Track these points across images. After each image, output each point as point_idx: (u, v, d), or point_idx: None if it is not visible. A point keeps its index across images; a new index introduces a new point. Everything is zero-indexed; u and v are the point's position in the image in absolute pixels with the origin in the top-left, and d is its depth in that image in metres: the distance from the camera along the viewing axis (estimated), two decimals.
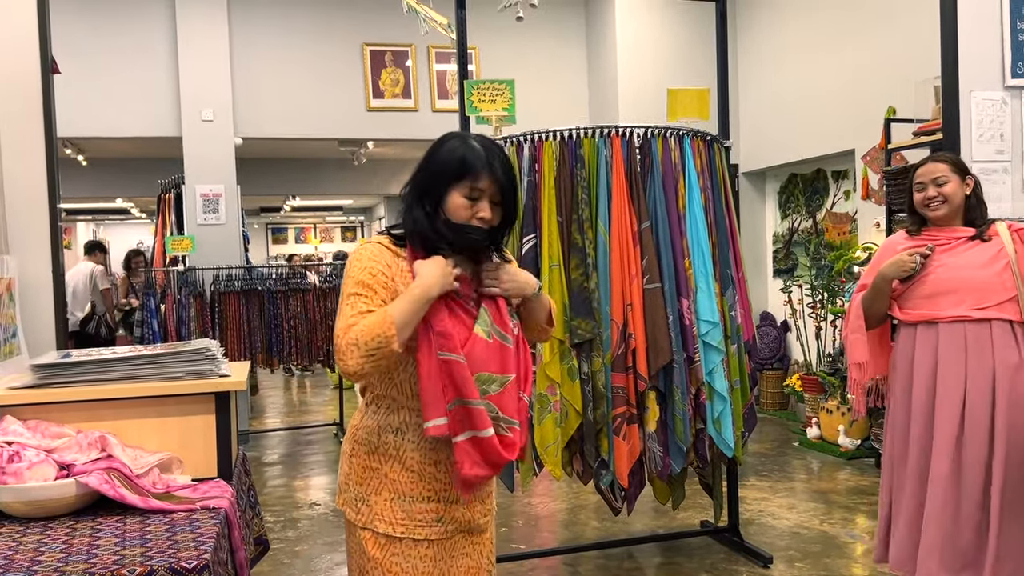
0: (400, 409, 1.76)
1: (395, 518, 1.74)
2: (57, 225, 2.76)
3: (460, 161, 1.70)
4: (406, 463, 1.75)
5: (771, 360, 7.30)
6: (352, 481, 1.79)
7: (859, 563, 3.79)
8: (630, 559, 3.95)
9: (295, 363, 6.63)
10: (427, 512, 1.75)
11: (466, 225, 1.71)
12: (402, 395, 1.75)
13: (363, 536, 1.76)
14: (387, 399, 1.77)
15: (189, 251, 6.30)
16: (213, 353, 2.11)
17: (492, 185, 1.71)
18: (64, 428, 1.95)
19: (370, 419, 1.79)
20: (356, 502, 1.78)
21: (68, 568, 1.49)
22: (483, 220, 1.72)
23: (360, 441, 1.79)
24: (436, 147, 1.76)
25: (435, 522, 1.76)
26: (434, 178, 1.73)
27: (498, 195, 1.73)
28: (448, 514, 1.77)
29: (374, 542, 1.75)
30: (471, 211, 1.71)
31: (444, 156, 1.73)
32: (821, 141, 6.61)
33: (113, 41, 6.76)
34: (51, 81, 2.77)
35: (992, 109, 3.46)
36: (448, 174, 1.71)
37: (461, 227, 1.71)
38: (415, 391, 1.71)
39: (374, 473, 1.76)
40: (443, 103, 7.32)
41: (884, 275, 2.79)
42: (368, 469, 1.77)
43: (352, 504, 1.79)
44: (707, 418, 3.46)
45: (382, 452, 1.76)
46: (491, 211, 1.73)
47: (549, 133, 3.47)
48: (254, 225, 17.53)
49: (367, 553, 1.75)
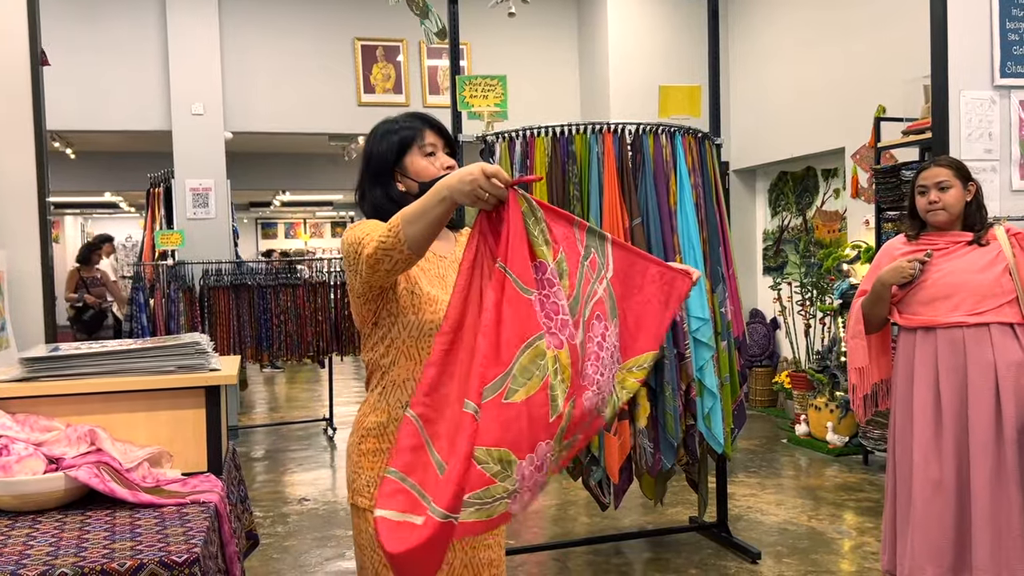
0: (407, 382, 1.75)
1: None
2: (46, 219, 2.74)
3: (400, 135, 1.80)
4: None
5: (760, 357, 7.33)
6: (363, 468, 1.78)
7: (846, 559, 3.81)
8: (619, 555, 3.97)
9: (285, 358, 6.61)
10: None
11: (440, 176, 1.73)
12: (410, 361, 1.74)
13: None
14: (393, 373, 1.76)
15: (178, 246, 6.27)
16: (203, 347, 2.11)
17: (437, 137, 1.81)
18: (53, 422, 1.94)
19: (380, 404, 1.78)
20: (368, 487, 1.76)
21: (57, 562, 1.48)
22: (449, 168, 1.80)
23: (369, 428, 1.79)
24: (371, 139, 1.85)
25: None
26: (383, 159, 1.81)
27: (446, 145, 1.83)
28: None
29: None
30: (436, 165, 1.80)
31: (384, 140, 1.81)
32: (811, 139, 6.63)
33: (103, 34, 6.72)
34: (40, 73, 2.75)
35: (981, 108, 3.48)
36: (397, 149, 1.79)
37: (436, 180, 1.68)
38: (423, 355, 1.72)
39: (384, 455, 1.76)
40: (434, 98, 7.31)
41: (883, 281, 2.80)
42: (378, 452, 1.77)
43: (364, 491, 1.77)
44: (697, 414, 3.47)
45: (392, 433, 1.75)
46: (450, 159, 1.82)
47: (541, 129, 3.48)
48: (244, 220, 17.46)
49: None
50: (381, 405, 1.78)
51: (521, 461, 1.38)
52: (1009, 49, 3.50)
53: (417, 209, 1.54)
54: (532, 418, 1.39)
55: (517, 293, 1.39)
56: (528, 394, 1.37)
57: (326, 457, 6.17)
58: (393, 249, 1.56)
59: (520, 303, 1.39)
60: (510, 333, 1.39)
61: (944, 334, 2.70)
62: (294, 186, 12.57)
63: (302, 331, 6.46)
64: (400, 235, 1.54)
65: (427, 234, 1.55)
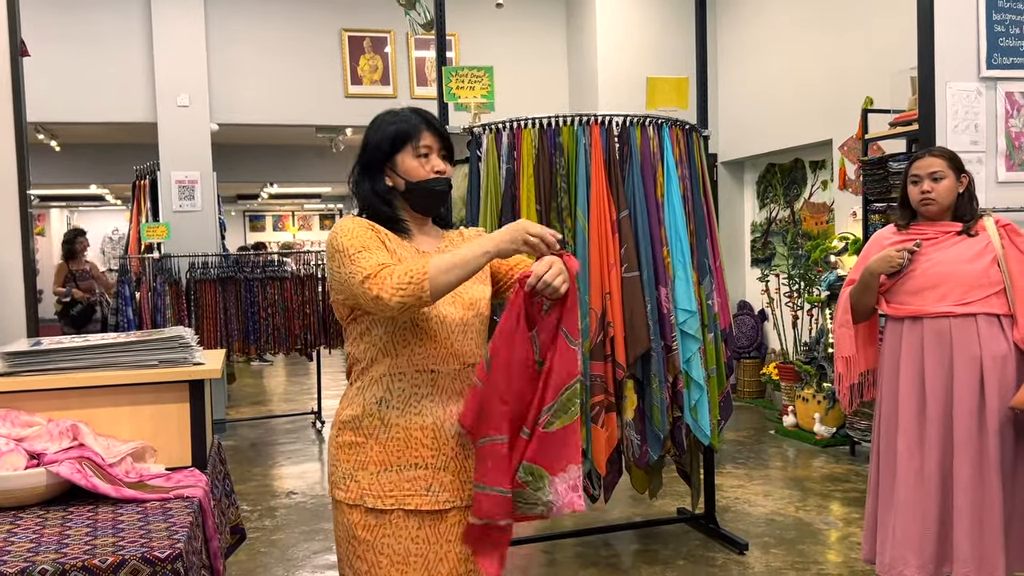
0: (383, 377, 1.76)
1: (383, 491, 1.74)
2: (27, 211, 2.71)
3: (396, 129, 1.79)
4: (391, 431, 1.75)
5: (748, 349, 7.35)
6: (340, 460, 1.79)
7: (833, 549, 3.83)
8: (607, 546, 3.97)
9: (273, 351, 6.59)
10: (416, 480, 1.75)
11: (428, 179, 1.78)
12: (387, 357, 1.75)
13: (352, 518, 1.76)
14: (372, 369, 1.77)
15: (165, 238, 6.23)
16: (187, 341, 2.09)
17: (435, 139, 1.80)
18: (35, 417, 1.92)
19: (356, 399, 1.79)
20: (344, 480, 1.77)
21: (38, 558, 1.47)
22: (440, 172, 1.79)
23: (345, 421, 1.80)
24: (370, 127, 1.84)
25: (425, 491, 1.76)
26: (377, 153, 1.80)
27: (443, 148, 1.81)
28: (437, 481, 1.77)
29: (363, 524, 1.75)
30: (427, 167, 1.78)
31: (380, 131, 1.81)
32: (799, 131, 6.64)
33: (87, 24, 6.65)
34: (20, 64, 2.72)
35: (967, 100, 3.48)
36: (390, 144, 1.79)
37: (425, 182, 1.78)
38: (400, 350, 1.73)
39: (359, 448, 1.77)
40: (422, 90, 7.27)
41: (871, 270, 2.80)
42: (354, 445, 1.77)
43: (341, 483, 1.78)
44: (684, 406, 3.48)
45: (366, 426, 1.77)
46: (443, 163, 1.81)
47: (528, 121, 3.46)
48: (231, 213, 17.36)
49: (357, 536, 1.75)
50: (357, 399, 1.79)
51: (554, 477, 1.70)
52: (995, 41, 3.50)
53: (456, 261, 1.61)
54: (566, 444, 1.70)
55: (567, 345, 1.70)
56: (563, 424, 1.69)
57: (314, 450, 6.16)
58: (417, 301, 1.60)
59: (568, 352, 1.70)
60: (559, 379, 1.69)
61: (931, 324, 2.70)
62: (281, 178, 12.50)
63: (289, 324, 6.44)
64: (426, 289, 1.59)
65: (457, 285, 1.64)
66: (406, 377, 1.75)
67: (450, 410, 1.78)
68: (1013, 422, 2.66)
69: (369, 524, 1.75)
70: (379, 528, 1.75)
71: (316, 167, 11.84)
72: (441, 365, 1.77)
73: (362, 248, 1.67)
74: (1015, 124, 3.57)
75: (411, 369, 1.75)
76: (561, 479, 1.70)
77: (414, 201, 1.81)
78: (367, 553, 1.75)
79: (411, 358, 1.75)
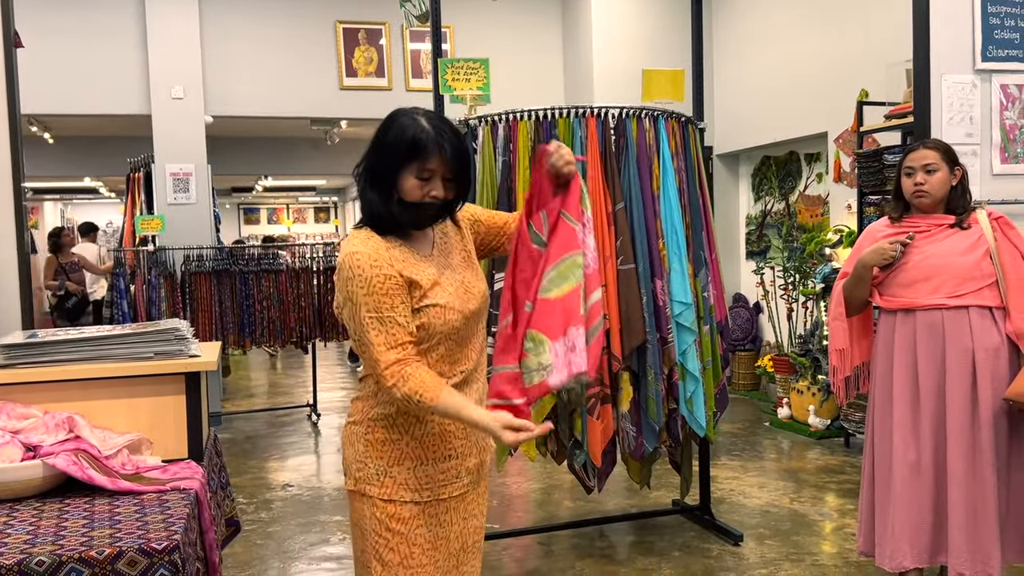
0: None
1: (420, 484, 1.79)
2: (21, 204, 2.70)
3: (410, 143, 1.71)
4: (427, 426, 1.79)
5: (743, 341, 7.37)
6: (371, 457, 1.79)
7: (828, 540, 3.85)
8: (603, 538, 3.99)
9: (269, 344, 6.59)
10: (448, 471, 1.82)
11: (420, 203, 1.74)
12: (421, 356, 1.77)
13: (387, 511, 1.77)
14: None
15: (159, 231, 6.21)
16: (183, 333, 2.09)
17: (443, 165, 1.73)
18: (31, 409, 1.92)
19: (383, 396, 1.77)
20: (379, 476, 1.79)
21: (35, 550, 1.47)
22: (435, 198, 1.75)
23: (376, 418, 1.80)
24: (386, 126, 1.76)
25: (455, 479, 1.83)
26: (386, 160, 1.74)
27: (449, 172, 1.75)
28: (464, 468, 1.84)
29: (398, 517, 1.77)
30: (424, 191, 1.74)
31: (394, 137, 1.73)
32: (794, 124, 6.64)
33: (80, 15, 6.61)
34: (14, 56, 2.71)
35: (962, 92, 3.49)
36: (399, 156, 1.72)
37: (416, 206, 1.75)
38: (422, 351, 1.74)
39: (394, 445, 1.79)
40: (417, 82, 7.24)
41: (864, 263, 2.81)
42: (388, 442, 1.79)
43: (374, 479, 1.79)
44: (679, 398, 3.49)
45: (401, 423, 1.78)
46: (443, 188, 1.75)
47: (524, 113, 3.46)
48: (226, 205, 17.33)
49: (391, 529, 1.77)
50: (384, 396, 1.76)
51: (554, 342, 1.71)
52: (990, 33, 3.51)
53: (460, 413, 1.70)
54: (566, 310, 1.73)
55: (567, 224, 1.79)
56: (562, 293, 1.74)
57: (310, 443, 6.16)
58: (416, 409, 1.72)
59: (567, 229, 1.78)
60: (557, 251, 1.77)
61: (923, 316, 2.71)
62: (276, 171, 12.47)
63: (285, 317, 6.43)
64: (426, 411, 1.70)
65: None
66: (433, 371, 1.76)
67: (474, 398, 1.81)
68: (1007, 414, 2.68)
69: (403, 517, 1.78)
70: (413, 520, 1.78)
71: (311, 160, 11.81)
72: (464, 362, 1.81)
73: (377, 316, 1.68)
74: (1010, 116, 3.57)
75: (437, 366, 1.77)
76: (561, 343, 1.71)
77: (402, 215, 1.75)
78: (400, 545, 1.78)
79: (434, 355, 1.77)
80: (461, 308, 1.77)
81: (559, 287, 1.74)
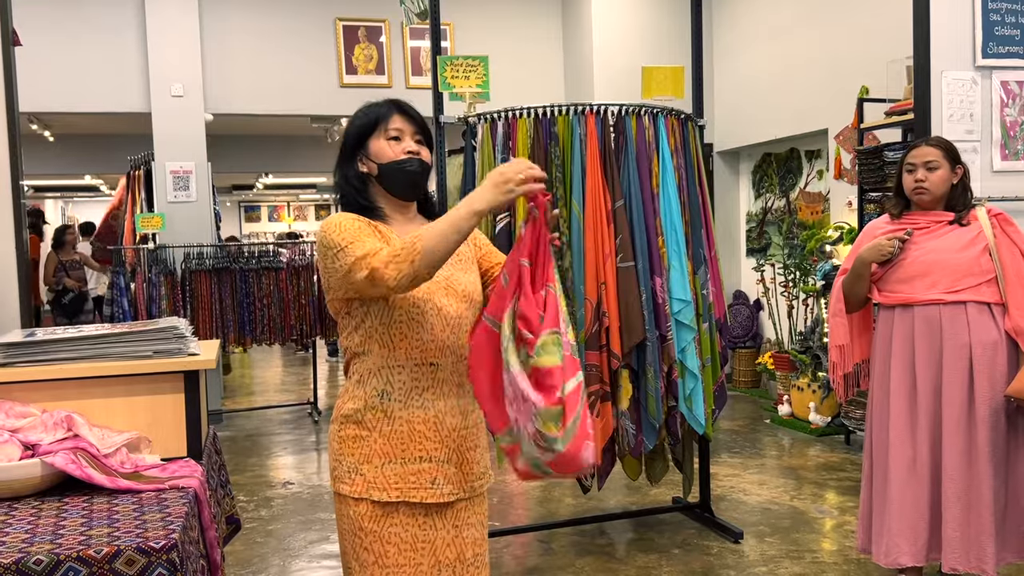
0: (382, 370, 1.76)
1: (388, 483, 1.75)
2: (20, 201, 2.70)
3: (367, 111, 1.82)
4: (394, 424, 1.75)
5: (744, 338, 7.37)
6: (344, 455, 1.78)
7: (828, 538, 3.85)
8: (603, 535, 3.99)
9: (269, 343, 6.59)
10: (420, 473, 1.76)
11: (398, 159, 1.78)
12: (384, 348, 1.75)
13: (358, 510, 1.76)
14: (369, 361, 1.77)
15: (159, 229, 6.21)
16: (182, 331, 2.09)
17: (407, 123, 1.80)
18: (29, 407, 1.92)
19: (356, 391, 1.78)
20: (349, 474, 1.77)
21: (33, 548, 1.47)
22: (412, 153, 1.79)
23: (347, 414, 1.79)
24: (350, 121, 1.87)
25: (430, 484, 1.76)
26: (353, 140, 1.82)
27: (418, 132, 1.81)
28: (441, 474, 1.77)
29: (370, 515, 1.75)
30: (396, 149, 1.78)
31: (355, 121, 1.84)
32: (795, 121, 6.63)
33: (80, 13, 6.61)
34: (12, 53, 2.70)
35: (963, 89, 3.48)
36: (362, 130, 1.81)
37: (395, 163, 1.79)
38: (396, 343, 1.73)
39: (363, 442, 1.76)
40: (417, 79, 7.24)
41: (863, 259, 2.81)
42: (358, 439, 1.77)
43: (345, 477, 1.78)
44: (679, 396, 3.48)
45: (369, 420, 1.76)
46: (417, 146, 1.80)
47: (523, 110, 3.45)
48: (226, 203, 17.31)
49: (364, 528, 1.75)
50: (358, 392, 1.78)
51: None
52: (991, 30, 3.50)
53: (443, 227, 1.58)
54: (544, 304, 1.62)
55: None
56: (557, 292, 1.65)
57: (310, 441, 6.17)
58: (411, 268, 1.59)
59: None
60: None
61: (921, 312, 2.71)
62: (276, 168, 12.44)
63: (285, 315, 6.44)
64: (418, 250, 1.57)
65: (451, 249, 1.60)
66: (405, 370, 1.75)
67: (451, 403, 1.78)
68: (1004, 410, 2.67)
69: (376, 515, 1.75)
70: (386, 518, 1.75)
71: (311, 157, 11.79)
72: (439, 358, 1.77)
73: (353, 240, 1.68)
74: (1010, 113, 3.57)
75: (410, 362, 1.75)
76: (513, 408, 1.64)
77: (387, 184, 1.79)
78: (374, 544, 1.75)
79: (409, 351, 1.75)
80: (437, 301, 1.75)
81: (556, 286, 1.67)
